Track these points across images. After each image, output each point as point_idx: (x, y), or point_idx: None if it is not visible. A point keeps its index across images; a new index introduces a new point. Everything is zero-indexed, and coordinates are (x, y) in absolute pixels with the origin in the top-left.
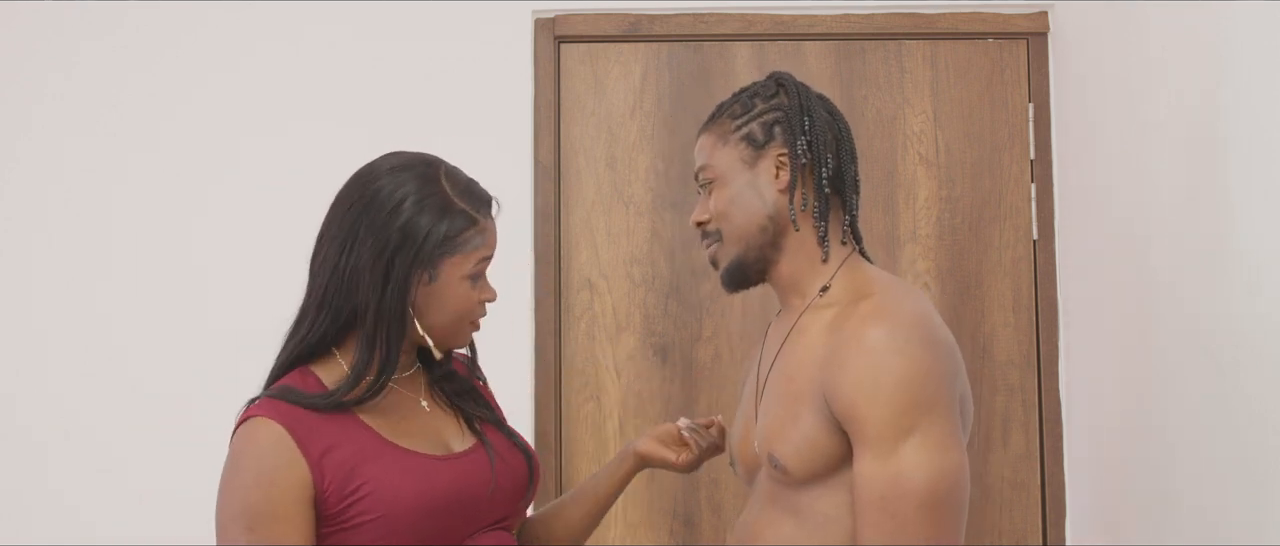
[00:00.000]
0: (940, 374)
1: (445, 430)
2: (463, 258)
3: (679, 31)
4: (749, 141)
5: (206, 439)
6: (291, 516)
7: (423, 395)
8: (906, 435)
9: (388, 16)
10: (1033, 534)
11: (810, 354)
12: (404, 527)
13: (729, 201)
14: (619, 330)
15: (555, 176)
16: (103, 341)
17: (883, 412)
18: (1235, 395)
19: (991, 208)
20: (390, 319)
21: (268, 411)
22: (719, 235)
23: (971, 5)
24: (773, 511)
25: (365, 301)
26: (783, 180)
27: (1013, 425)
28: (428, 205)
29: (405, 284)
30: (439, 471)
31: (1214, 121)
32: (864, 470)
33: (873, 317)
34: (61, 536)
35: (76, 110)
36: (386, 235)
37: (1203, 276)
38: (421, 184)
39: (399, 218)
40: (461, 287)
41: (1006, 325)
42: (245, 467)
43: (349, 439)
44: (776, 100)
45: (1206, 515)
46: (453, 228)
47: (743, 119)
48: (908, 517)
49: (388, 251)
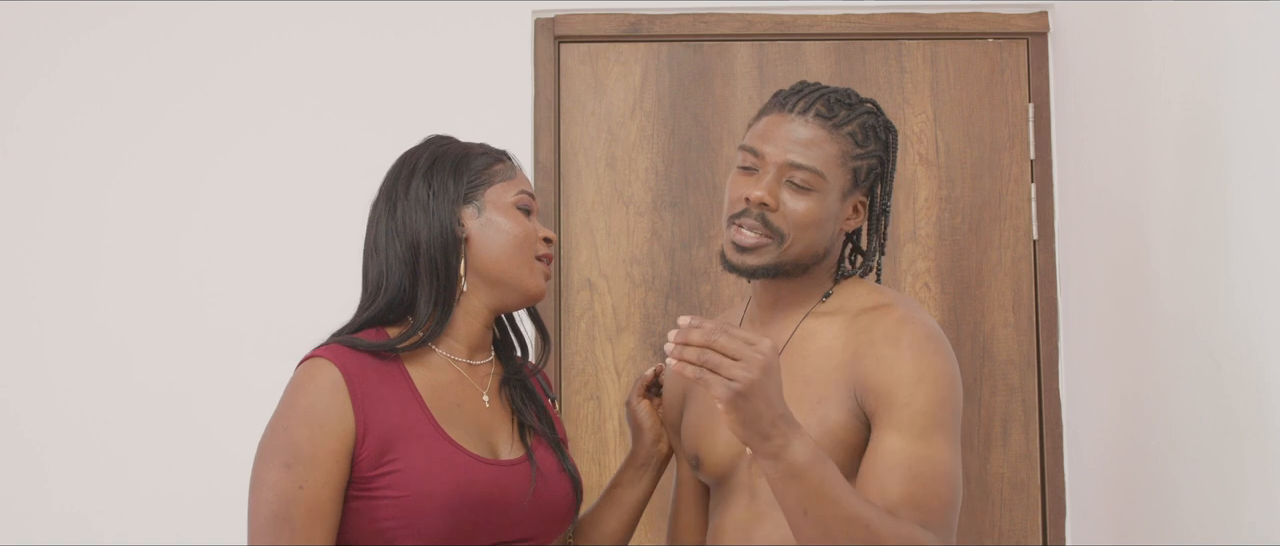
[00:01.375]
0: (959, 386)
1: (498, 433)
2: (502, 187)
3: (679, 31)
4: (855, 177)
5: (206, 437)
6: (329, 464)
7: (488, 390)
8: (938, 427)
9: (387, 16)
10: (1033, 534)
11: (830, 358)
12: (426, 516)
13: (814, 219)
14: (619, 330)
15: (555, 176)
16: (100, 339)
17: (920, 402)
18: (1235, 395)
19: (991, 208)
20: (442, 250)
21: (332, 355)
22: (780, 236)
23: (971, 5)
24: (772, 510)
25: (414, 241)
26: (852, 224)
27: (1013, 425)
28: (448, 151)
29: (449, 212)
30: (477, 471)
31: (1214, 121)
32: (892, 444)
33: (906, 322)
34: (62, 536)
35: (72, 106)
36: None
37: (1202, 276)
38: (438, 142)
39: (428, 163)
40: (513, 216)
41: (1006, 325)
42: (298, 404)
43: (401, 409)
44: (879, 147)
45: (1206, 515)
46: (479, 163)
47: (861, 151)
48: (936, 497)
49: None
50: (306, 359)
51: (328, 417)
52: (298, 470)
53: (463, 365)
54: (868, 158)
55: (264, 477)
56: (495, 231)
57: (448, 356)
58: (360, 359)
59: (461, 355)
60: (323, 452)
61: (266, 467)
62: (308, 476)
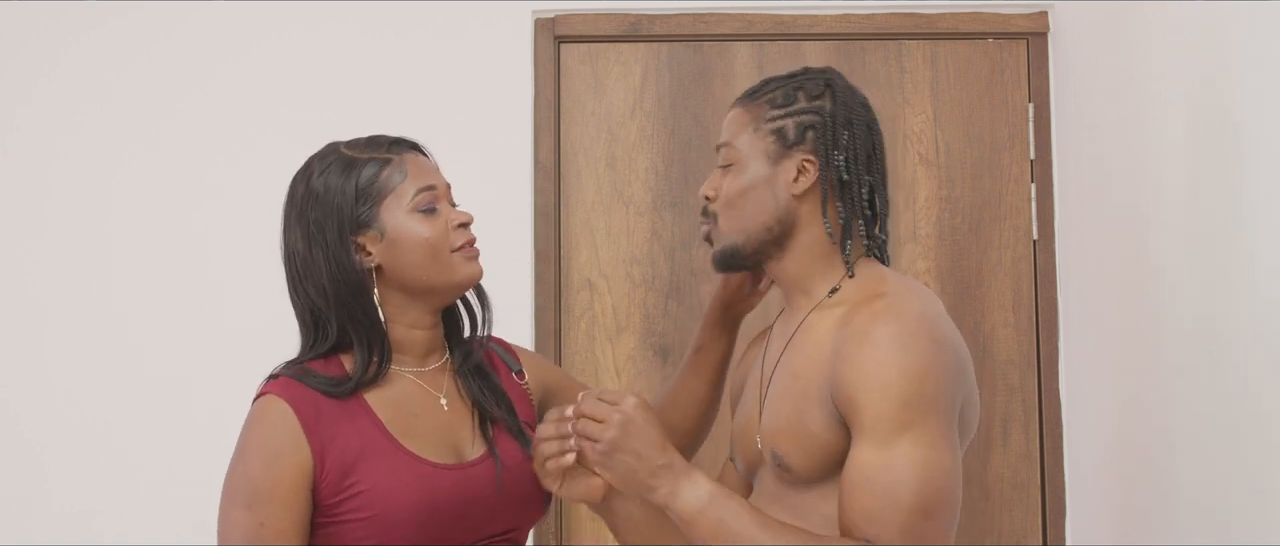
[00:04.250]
0: (942, 374)
1: (460, 433)
2: (393, 197)
3: (679, 31)
4: (779, 137)
5: (207, 437)
6: (288, 499)
7: (445, 392)
8: (904, 430)
9: (387, 16)
10: (1033, 534)
11: (818, 351)
12: (395, 530)
13: (741, 192)
14: (619, 330)
15: (555, 176)
16: (100, 339)
17: (882, 405)
18: (1235, 395)
19: (991, 208)
20: (350, 293)
21: (281, 390)
22: (716, 220)
23: (971, 5)
24: (774, 509)
25: (322, 289)
26: (800, 185)
27: (1013, 425)
28: (329, 172)
29: (342, 253)
30: (439, 479)
31: (1214, 121)
32: (857, 456)
33: (882, 315)
34: (62, 535)
35: (73, 106)
36: (307, 219)
37: (1203, 276)
38: (319, 161)
39: (311, 196)
40: (412, 223)
41: (1006, 325)
42: (252, 443)
43: (356, 431)
44: (820, 103)
45: (1207, 515)
46: (364, 178)
47: (781, 111)
48: (894, 507)
49: (317, 230)
50: (258, 395)
51: (282, 453)
52: (257, 508)
53: (415, 372)
54: (793, 115)
55: (228, 517)
56: (401, 247)
57: (398, 370)
58: (308, 390)
59: (412, 365)
60: (281, 488)
61: (229, 508)
62: (268, 513)
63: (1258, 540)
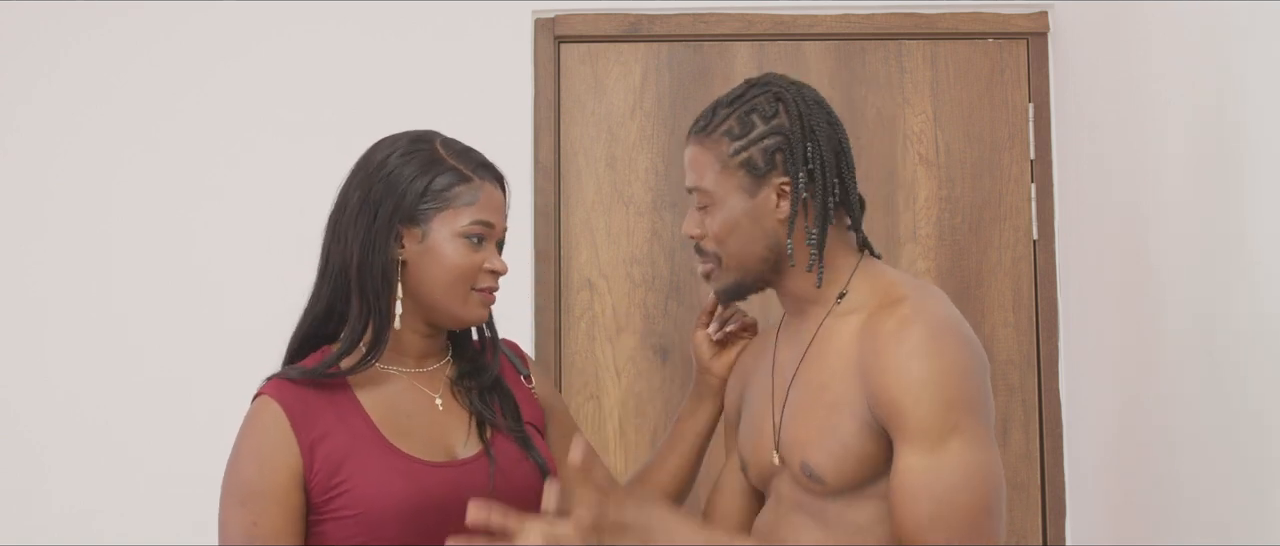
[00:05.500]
0: (977, 374)
1: (453, 433)
2: (453, 213)
3: (679, 31)
4: (749, 169)
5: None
6: (280, 497)
7: (441, 392)
8: (952, 433)
9: (387, 16)
10: (1033, 534)
11: (843, 361)
12: (384, 527)
13: (728, 230)
14: (619, 330)
15: (555, 176)
16: (100, 339)
17: (928, 410)
18: (1235, 395)
19: (991, 208)
20: (373, 272)
21: (273, 391)
22: (718, 259)
23: (971, 5)
24: (798, 517)
25: (349, 254)
26: (783, 210)
27: (1013, 425)
28: (414, 159)
29: (386, 234)
30: (427, 476)
31: (1214, 121)
32: (909, 463)
33: (911, 320)
34: (62, 535)
35: (73, 106)
36: (371, 187)
37: (1203, 276)
38: (412, 142)
39: (384, 170)
40: (456, 246)
41: (1006, 325)
42: (245, 444)
43: (347, 430)
44: (777, 122)
45: (1207, 515)
46: (439, 182)
47: (742, 142)
48: (955, 509)
49: (371, 203)
50: (256, 396)
51: (273, 454)
52: (251, 507)
53: (411, 373)
54: (756, 141)
55: (224, 517)
56: (432, 260)
57: (394, 369)
58: (301, 390)
59: (408, 366)
60: (272, 488)
61: (226, 508)
62: (261, 512)
63: (1258, 540)
